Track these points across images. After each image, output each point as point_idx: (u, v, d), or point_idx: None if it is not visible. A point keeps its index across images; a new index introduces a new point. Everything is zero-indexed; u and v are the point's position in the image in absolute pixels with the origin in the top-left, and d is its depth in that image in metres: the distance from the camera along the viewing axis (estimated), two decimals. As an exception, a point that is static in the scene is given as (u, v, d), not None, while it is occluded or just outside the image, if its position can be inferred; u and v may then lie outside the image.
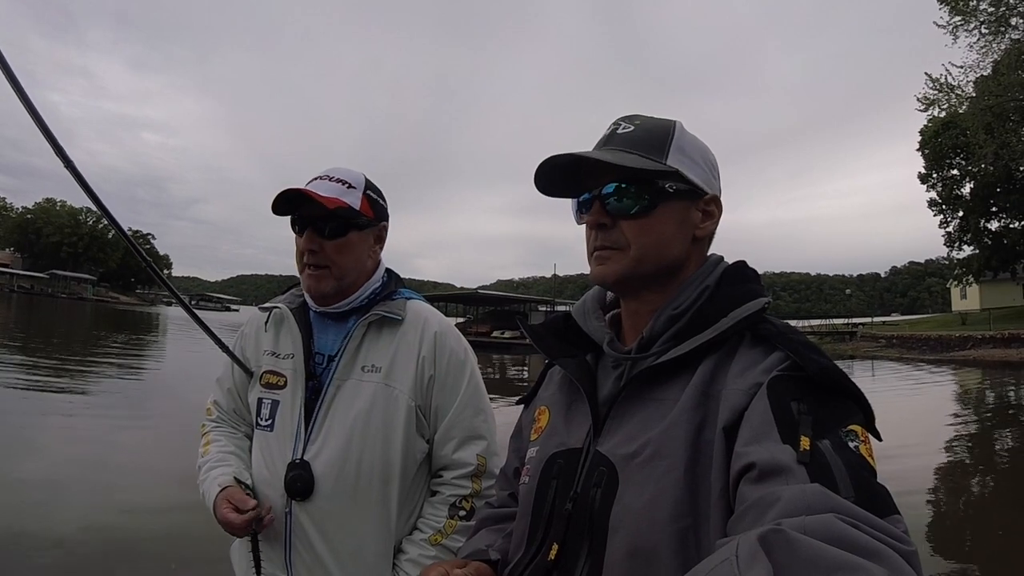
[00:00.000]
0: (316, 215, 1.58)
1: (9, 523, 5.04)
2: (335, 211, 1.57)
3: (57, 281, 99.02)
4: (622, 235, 1.03)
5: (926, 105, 34.33)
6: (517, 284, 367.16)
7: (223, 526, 1.51)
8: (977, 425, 13.17)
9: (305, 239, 1.58)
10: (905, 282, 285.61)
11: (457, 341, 1.71)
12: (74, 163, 1.35)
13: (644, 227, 1.02)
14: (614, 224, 1.03)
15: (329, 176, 1.60)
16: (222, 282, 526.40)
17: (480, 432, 1.67)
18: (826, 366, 0.82)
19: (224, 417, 1.79)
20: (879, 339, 42.82)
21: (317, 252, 1.58)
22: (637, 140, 1.03)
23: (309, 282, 1.61)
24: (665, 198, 1.02)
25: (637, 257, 1.02)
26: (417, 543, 1.59)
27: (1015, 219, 42.68)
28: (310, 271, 1.60)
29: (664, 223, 1.03)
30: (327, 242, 1.59)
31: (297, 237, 1.61)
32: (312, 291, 1.63)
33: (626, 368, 1.05)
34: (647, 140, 1.03)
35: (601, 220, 1.03)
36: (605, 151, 1.03)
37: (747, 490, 0.74)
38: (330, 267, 1.60)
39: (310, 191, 1.54)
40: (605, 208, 1.03)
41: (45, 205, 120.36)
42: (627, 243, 1.02)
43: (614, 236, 1.03)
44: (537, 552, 1.01)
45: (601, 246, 1.04)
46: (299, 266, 1.63)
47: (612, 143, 1.04)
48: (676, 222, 1.04)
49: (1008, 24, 30.91)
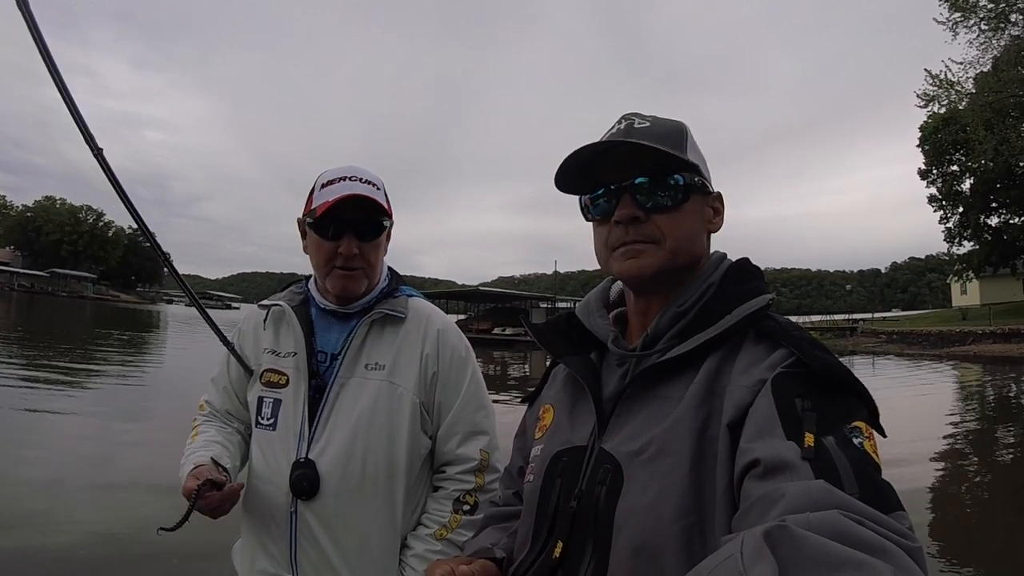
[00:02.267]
0: (356, 218, 1.57)
1: (8, 521, 5.04)
2: (375, 213, 1.58)
3: (57, 279, 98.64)
4: (656, 228, 1.01)
5: (926, 101, 34.23)
6: (518, 281, 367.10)
7: (184, 495, 1.44)
8: (978, 421, 13.14)
9: (346, 243, 1.56)
10: (905, 278, 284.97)
11: (458, 338, 1.72)
12: (103, 151, 1.36)
13: (677, 220, 1.02)
14: (647, 217, 1.02)
15: (359, 177, 1.58)
16: (223, 280, 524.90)
17: (483, 427, 1.67)
18: (830, 363, 0.82)
19: (216, 414, 1.78)
20: (880, 335, 42.87)
21: (357, 255, 1.58)
22: (659, 135, 1.01)
23: (343, 283, 1.60)
24: (693, 192, 1.03)
25: (673, 250, 1.01)
26: (422, 538, 1.59)
27: (1015, 215, 42.61)
28: (344, 272, 1.59)
29: (692, 217, 1.04)
30: (363, 244, 1.59)
31: (322, 240, 1.58)
32: (345, 292, 1.62)
33: (630, 365, 1.05)
34: (668, 135, 1.02)
35: (635, 213, 1.01)
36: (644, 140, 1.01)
37: (751, 486, 0.75)
38: (364, 268, 1.60)
39: (373, 197, 1.55)
40: (636, 200, 1.02)
41: (45, 203, 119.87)
42: (662, 236, 1.01)
43: (647, 230, 1.02)
44: (542, 550, 1.02)
45: (633, 240, 1.02)
46: (324, 268, 1.61)
47: (633, 136, 1.01)
48: (699, 217, 1.05)
49: (1008, 20, 30.82)
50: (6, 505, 5.40)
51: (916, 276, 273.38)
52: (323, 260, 1.60)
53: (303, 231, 1.66)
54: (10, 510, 5.27)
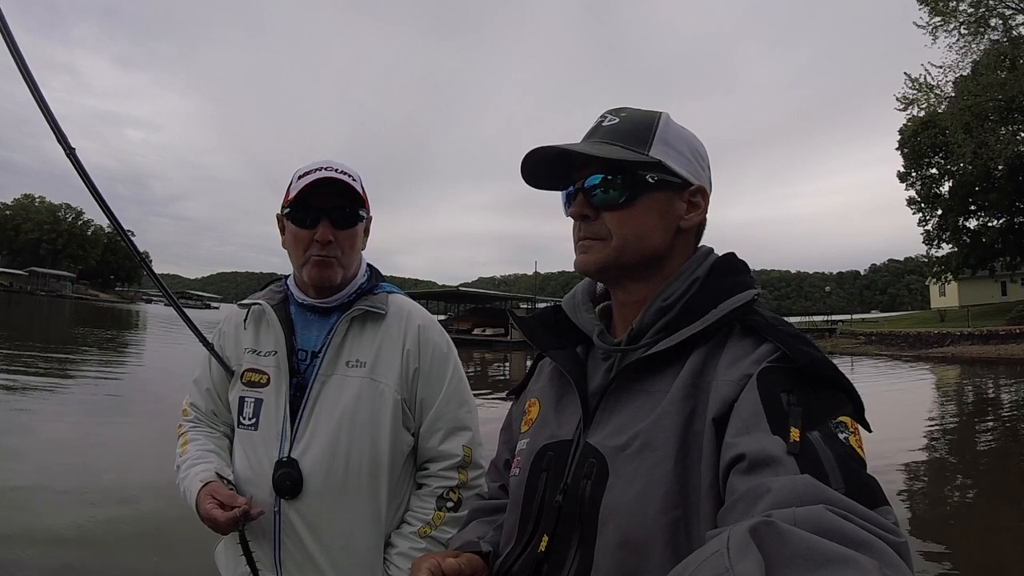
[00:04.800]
0: (331, 206, 1.57)
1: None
2: (350, 201, 1.58)
3: (36, 278, 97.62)
4: (604, 226, 1.04)
5: (905, 104, 34.61)
6: (499, 281, 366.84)
7: (206, 523, 1.47)
8: (955, 420, 13.33)
9: (322, 229, 1.56)
10: (885, 279, 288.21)
11: (440, 334, 1.71)
12: (76, 151, 1.35)
13: (625, 218, 1.03)
14: (597, 215, 1.04)
15: (335, 167, 1.57)
16: (202, 279, 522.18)
17: (465, 423, 1.67)
18: (816, 357, 0.82)
19: (201, 418, 1.76)
20: (858, 336, 43.20)
21: (332, 243, 1.57)
22: (621, 132, 1.04)
23: (318, 271, 1.59)
24: (647, 189, 1.02)
25: (618, 247, 1.03)
26: (407, 536, 1.58)
27: (993, 217, 43.10)
28: (320, 259, 1.58)
29: (646, 214, 1.03)
30: (339, 232, 1.58)
31: (299, 229, 1.58)
32: (320, 281, 1.60)
33: (616, 360, 1.05)
34: (631, 131, 1.04)
35: (584, 211, 1.05)
36: (589, 143, 1.05)
37: (737, 481, 0.75)
38: (339, 257, 1.60)
39: (348, 182, 1.55)
40: (589, 200, 1.04)
41: (24, 201, 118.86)
42: (608, 233, 1.04)
43: (596, 227, 1.05)
44: (528, 544, 1.02)
45: (584, 236, 1.06)
46: (300, 257, 1.60)
47: (597, 135, 1.05)
48: (658, 213, 1.04)
49: (987, 25, 31.23)
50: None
51: (895, 278, 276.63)
52: (300, 249, 1.59)
53: (281, 226, 1.65)
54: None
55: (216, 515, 1.43)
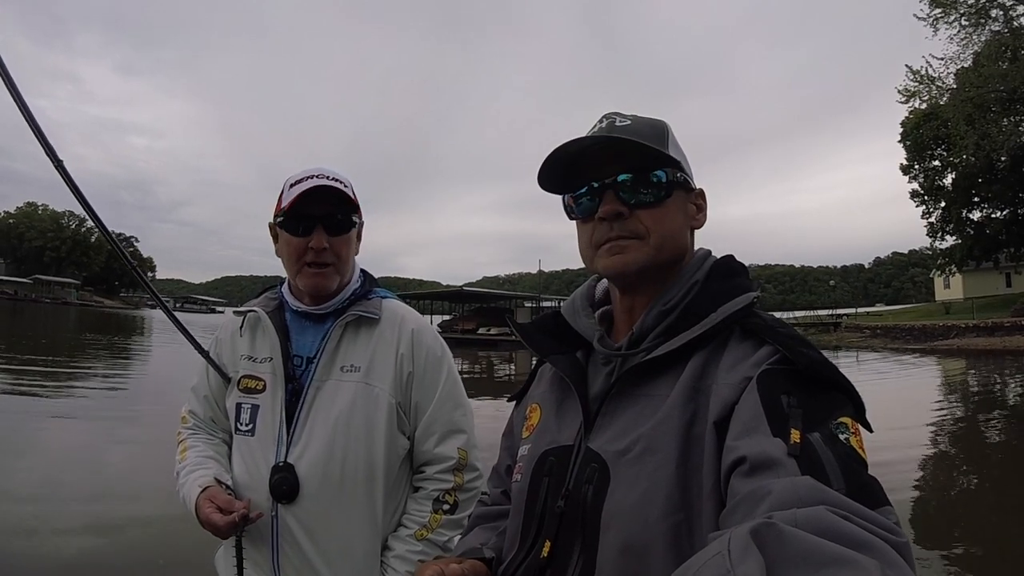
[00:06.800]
0: (324, 213, 1.58)
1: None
2: (343, 208, 1.59)
3: (41, 286, 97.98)
4: (640, 224, 1.01)
5: (907, 97, 34.60)
6: (503, 281, 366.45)
7: (206, 527, 1.50)
8: (962, 413, 13.31)
9: (317, 237, 1.57)
10: (889, 272, 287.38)
11: (433, 338, 1.72)
12: (64, 163, 1.35)
13: (660, 215, 1.02)
14: (631, 213, 1.01)
15: (325, 175, 1.58)
16: (207, 283, 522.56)
17: (460, 426, 1.68)
18: (815, 359, 0.82)
19: (200, 425, 1.77)
20: (863, 329, 43.16)
21: (327, 250, 1.58)
22: (641, 132, 1.01)
23: (314, 280, 1.60)
24: (676, 188, 1.03)
25: (657, 245, 1.01)
26: (403, 539, 1.59)
27: (997, 209, 42.95)
28: (315, 269, 1.59)
29: (675, 212, 1.03)
30: (333, 239, 1.59)
31: (293, 237, 1.59)
32: (317, 290, 1.62)
33: (616, 364, 1.04)
34: (650, 132, 1.02)
35: (619, 209, 1.01)
36: (630, 136, 1.01)
37: (738, 484, 0.74)
38: (335, 264, 1.61)
39: (340, 188, 1.57)
40: (620, 197, 1.02)
41: (27, 209, 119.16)
42: (646, 232, 1.01)
43: (632, 225, 1.01)
44: (530, 550, 1.01)
45: (618, 236, 1.02)
46: (295, 265, 1.61)
47: (615, 133, 1.01)
48: (683, 212, 1.05)
49: (988, 16, 31.17)
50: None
51: (899, 271, 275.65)
52: (294, 258, 1.60)
53: (275, 234, 1.66)
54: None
55: (215, 519, 1.46)
